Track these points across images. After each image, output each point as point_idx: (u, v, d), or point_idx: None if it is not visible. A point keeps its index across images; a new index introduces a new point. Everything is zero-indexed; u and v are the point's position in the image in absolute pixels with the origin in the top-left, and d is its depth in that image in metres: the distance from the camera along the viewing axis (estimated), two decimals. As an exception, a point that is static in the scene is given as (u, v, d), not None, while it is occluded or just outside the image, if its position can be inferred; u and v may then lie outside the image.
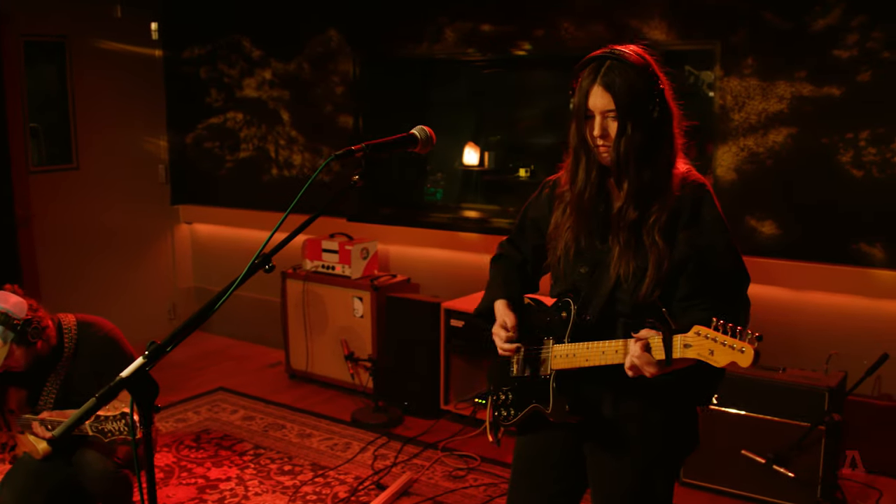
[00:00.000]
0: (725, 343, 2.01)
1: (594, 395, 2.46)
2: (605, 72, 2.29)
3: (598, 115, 2.31)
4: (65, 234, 6.69)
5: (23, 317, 3.41)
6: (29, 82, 6.41)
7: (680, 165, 2.40)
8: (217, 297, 1.90)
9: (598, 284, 2.42)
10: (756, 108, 4.74)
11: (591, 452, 2.54)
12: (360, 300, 5.81)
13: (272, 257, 1.97)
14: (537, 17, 5.44)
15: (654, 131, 2.30)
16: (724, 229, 2.38)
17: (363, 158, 2.02)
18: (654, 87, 2.29)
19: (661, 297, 2.34)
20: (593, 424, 2.48)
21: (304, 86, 6.64)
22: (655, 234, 2.31)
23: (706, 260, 2.34)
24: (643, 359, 2.17)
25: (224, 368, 6.65)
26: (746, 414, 4.32)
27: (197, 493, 4.54)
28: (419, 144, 2.15)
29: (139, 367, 1.79)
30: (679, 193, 2.34)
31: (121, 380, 1.78)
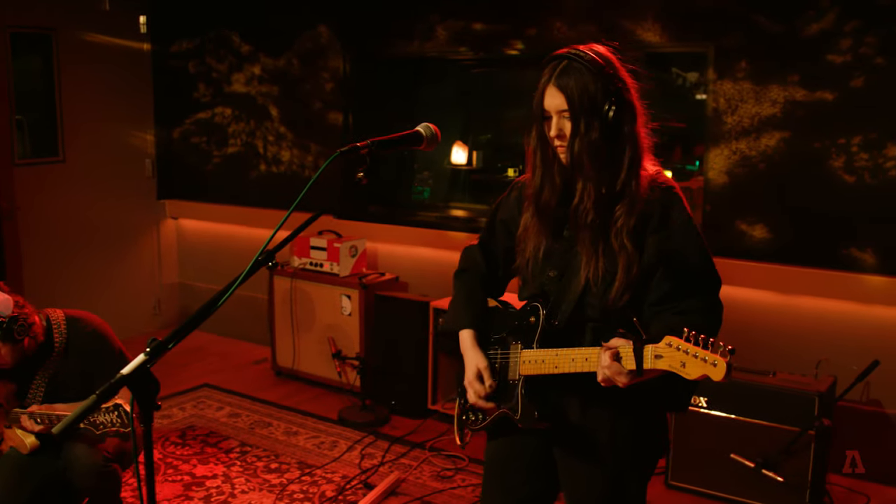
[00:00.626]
0: (697, 355, 1.99)
1: (562, 402, 2.43)
2: (559, 72, 2.28)
3: (555, 116, 2.30)
4: (49, 228, 6.63)
5: (8, 314, 3.37)
6: (15, 74, 6.34)
7: (648, 167, 2.37)
8: (219, 295, 1.88)
9: (567, 288, 2.40)
10: (749, 112, 4.74)
11: (561, 458, 2.52)
12: (348, 298, 5.78)
13: (275, 254, 1.94)
14: (530, 16, 5.43)
15: (612, 131, 2.27)
16: (695, 233, 2.34)
17: (368, 155, 2.00)
18: (609, 86, 2.25)
19: (631, 302, 2.31)
20: (562, 430, 2.46)
21: (293, 82, 6.60)
22: (624, 238, 2.29)
23: (676, 264, 2.31)
24: (613, 368, 2.14)
25: (209, 365, 6.61)
26: (735, 417, 4.32)
27: (183, 491, 4.50)
28: (424, 142, 2.13)
29: (140, 364, 1.77)
30: (648, 196, 2.31)
31: (122, 377, 1.75)
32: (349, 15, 6.23)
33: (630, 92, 2.33)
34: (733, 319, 4.78)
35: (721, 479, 4.37)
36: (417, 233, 6.05)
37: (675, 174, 5.77)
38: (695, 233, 2.34)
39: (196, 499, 4.42)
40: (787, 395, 4.20)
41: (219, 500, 4.41)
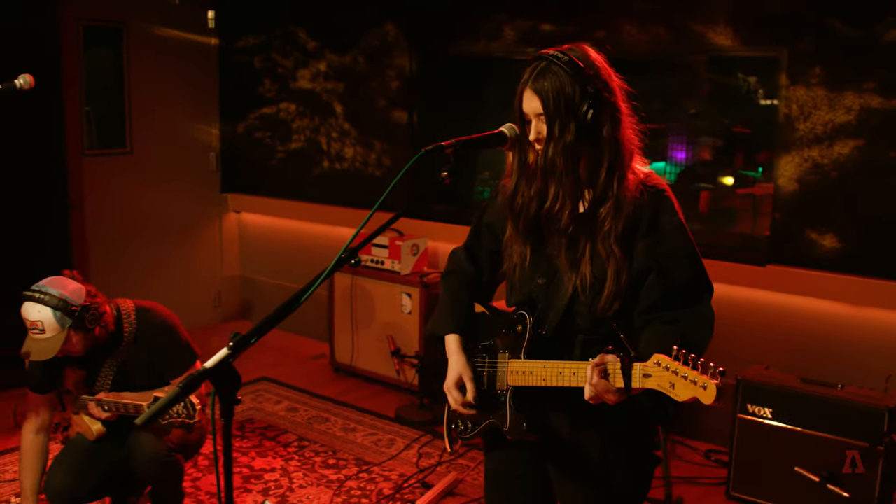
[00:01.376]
0: (687, 377, 1.93)
1: (551, 415, 2.38)
2: (536, 74, 2.21)
3: (533, 119, 2.24)
4: (115, 218, 6.73)
5: (80, 303, 3.41)
6: (86, 66, 6.44)
7: (638, 169, 2.30)
8: (302, 291, 1.88)
9: (555, 296, 2.33)
10: (822, 119, 4.65)
11: (555, 475, 2.47)
12: (408, 296, 5.78)
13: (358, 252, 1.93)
14: (599, 18, 5.38)
15: (589, 133, 2.20)
16: (686, 238, 2.27)
17: (453, 155, 1.99)
18: (588, 87, 2.18)
19: (621, 310, 2.25)
20: (553, 445, 2.41)
21: (358, 79, 6.62)
22: (612, 244, 2.22)
23: (666, 270, 2.24)
24: (601, 386, 2.09)
25: (268, 358, 6.65)
26: (801, 430, 4.24)
27: (242, 483, 4.54)
28: (509, 142, 2.11)
29: (223, 358, 1.77)
30: (637, 199, 2.24)
31: (205, 370, 1.75)
32: (416, 13, 6.23)
33: (614, 93, 2.25)
34: (800, 330, 4.75)
35: (784, 492, 4.29)
36: (479, 233, 6.03)
37: (737, 180, 5.69)
38: (685, 237, 2.27)
39: (255, 491, 4.45)
40: (856, 409, 4.11)
41: (277, 493, 4.43)
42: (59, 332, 3.37)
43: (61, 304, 3.35)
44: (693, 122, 5.87)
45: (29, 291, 3.38)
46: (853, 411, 4.11)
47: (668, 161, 5.93)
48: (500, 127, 2.16)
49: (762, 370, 4.49)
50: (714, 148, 5.90)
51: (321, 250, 6.82)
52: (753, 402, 4.36)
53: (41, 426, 3.70)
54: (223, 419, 1.79)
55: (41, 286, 3.39)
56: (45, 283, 3.41)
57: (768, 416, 4.33)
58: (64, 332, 3.38)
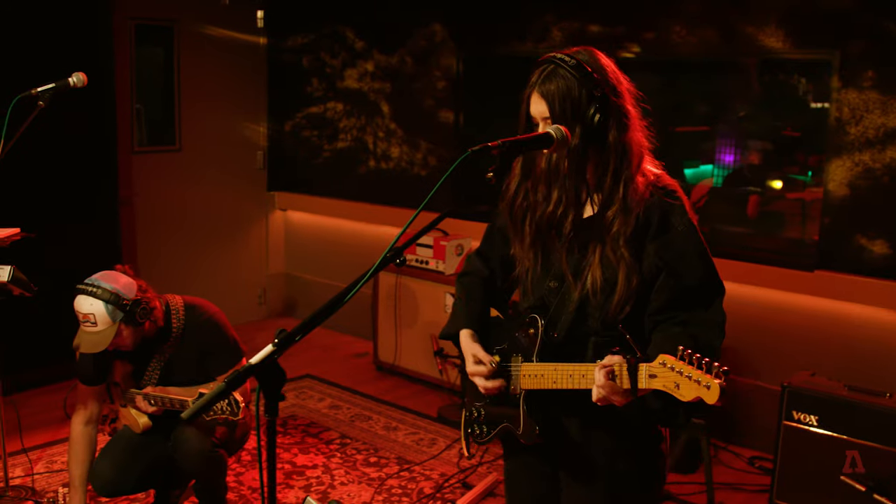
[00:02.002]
0: (692, 376, 1.91)
1: (563, 419, 2.36)
2: (543, 78, 2.22)
3: (541, 123, 2.24)
4: (163, 214, 6.82)
5: (132, 297, 3.46)
6: (137, 65, 6.53)
7: (648, 171, 2.28)
8: (347, 289, 1.89)
9: (566, 299, 2.31)
10: (874, 123, 4.59)
11: (565, 480, 2.45)
12: (452, 296, 5.78)
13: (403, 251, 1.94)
14: (648, 19, 5.35)
15: (596, 138, 2.20)
16: (696, 239, 2.24)
17: (499, 156, 1.99)
18: (594, 90, 2.17)
19: (632, 312, 2.23)
20: (564, 450, 2.40)
21: (405, 79, 6.64)
22: (621, 247, 2.20)
23: (677, 272, 2.22)
24: (608, 388, 2.07)
25: (310, 356, 6.69)
26: (847, 438, 4.18)
27: (284, 479, 4.57)
28: (555, 143, 2.11)
29: (268, 354, 1.79)
30: (647, 201, 2.22)
31: (250, 366, 1.77)
32: (463, 14, 6.24)
33: (622, 97, 2.24)
34: (848, 336, 4.68)
35: (829, 501, 4.23)
36: (523, 234, 6.02)
37: (787, 184, 5.63)
38: (696, 239, 2.24)
39: (296, 487, 4.48)
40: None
41: (318, 490, 4.47)
42: (111, 326, 3.42)
43: (113, 297, 3.41)
44: (741, 125, 5.81)
45: (82, 285, 3.44)
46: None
47: (715, 164, 5.88)
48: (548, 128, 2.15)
49: (808, 377, 4.43)
50: (763, 151, 5.83)
51: (366, 249, 6.85)
52: (799, 408, 4.30)
53: (90, 418, 3.76)
54: (267, 416, 1.81)
55: (94, 280, 3.45)
56: (97, 277, 3.46)
57: (814, 424, 4.27)
58: (115, 326, 3.43)
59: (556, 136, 2.12)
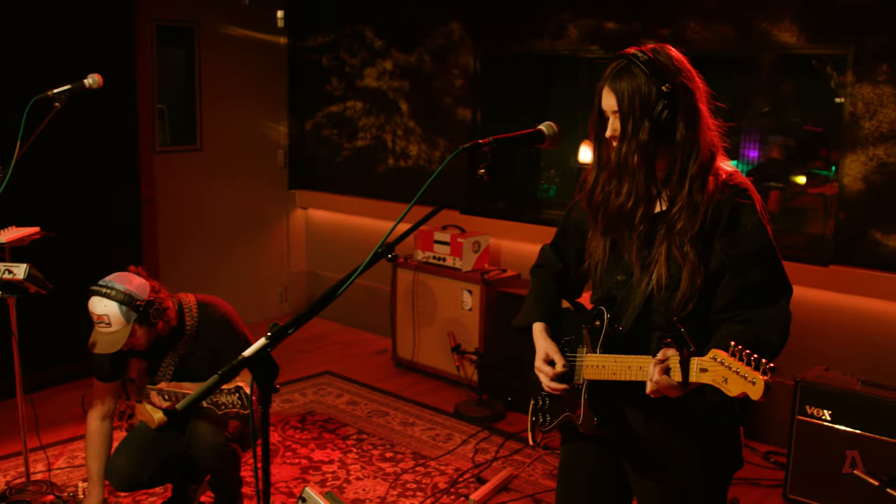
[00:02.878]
0: (739, 371, 1.93)
1: (626, 410, 2.40)
2: (615, 73, 2.26)
3: (611, 116, 2.28)
4: (185, 214, 6.90)
5: (145, 298, 3.52)
6: (160, 65, 6.61)
7: (721, 169, 2.31)
8: (339, 284, 1.92)
9: (633, 293, 2.35)
10: (889, 117, 4.57)
11: (631, 470, 2.48)
12: (469, 293, 5.82)
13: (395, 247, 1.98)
14: (663, 15, 5.36)
15: (665, 133, 2.23)
16: (764, 238, 2.25)
17: (490, 152, 2.02)
18: (663, 86, 2.20)
19: (698, 308, 2.26)
20: (627, 441, 2.42)
21: (423, 77, 6.68)
22: (686, 245, 2.23)
23: (744, 270, 2.23)
24: (663, 381, 2.10)
25: (331, 352, 6.76)
26: (861, 433, 4.17)
27: (300, 473, 4.63)
28: (546, 140, 2.14)
29: (261, 347, 1.83)
30: (717, 199, 2.25)
31: (243, 359, 1.82)
32: (481, 12, 6.27)
33: (693, 95, 2.27)
34: (863, 330, 4.67)
35: (842, 495, 4.22)
36: (542, 230, 6.04)
37: (810, 179, 5.61)
38: (765, 238, 2.25)
39: (312, 482, 4.53)
40: (918, 413, 4.04)
41: (334, 484, 4.51)
42: (125, 326, 3.49)
43: (127, 298, 3.47)
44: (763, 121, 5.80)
45: (96, 286, 3.51)
46: (915, 415, 4.05)
47: (739, 159, 5.88)
48: (539, 125, 2.18)
49: (822, 371, 4.43)
50: (785, 146, 5.82)
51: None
52: (812, 403, 4.30)
53: (106, 413, 3.84)
54: (261, 406, 1.85)
55: (108, 281, 3.51)
56: (111, 279, 3.53)
57: (827, 419, 4.27)
58: (129, 326, 3.50)
59: (548, 133, 2.15)
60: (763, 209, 2.28)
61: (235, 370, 1.80)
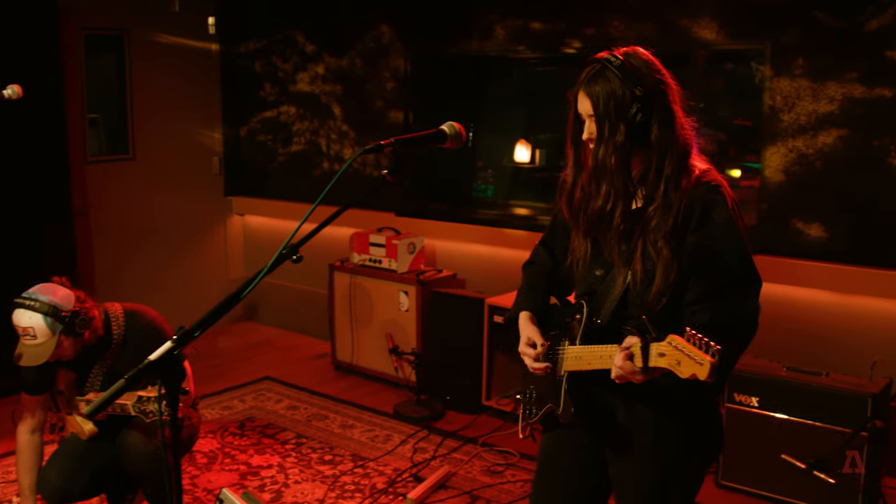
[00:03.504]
0: (690, 354, 2.02)
1: (607, 400, 2.47)
2: (589, 77, 2.34)
3: (587, 120, 2.36)
4: (120, 224, 6.84)
5: (70, 308, 3.50)
6: (89, 74, 6.56)
7: (695, 167, 2.38)
8: (245, 285, 1.95)
9: (610, 288, 2.44)
10: (806, 109, 4.69)
11: (610, 457, 2.55)
12: (405, 294, 5.85)
13: (300, 248, 2.01)
14: (587, 15, 5.44)
15: (640, 135, 2.32)
16: (736, 234, 2.33)
17: (393, 153, 2.05)
18: (636, 89, 2.29)
19: (672, 301, 2.34)
20: (608, 428, 2.49)
21: (355, 81, 6.70)
22: (660, 241, 2.31)
23: (714, 265, 2.32)
24: (626, 367, 2.18)
25: (271, 358, 6.75)
26: (788, 418, 4.28)
27: (238, 479, 4.62)
28: (448, 140, 2.17)
29: (167, 350, 1.85)
30: (690, 196, 2.33)
31: (149, 362, 1.83)
32: (410, 15, 6.30)
33: (667, 96, 2.35)
34: (788, 317, 4.78)
35: (772, 479, 4.33)
36: (477, 230, 6.10)
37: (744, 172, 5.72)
38: (736, 233, 2.33)
39: (250, 487, 4.53)
40: (840, 396, 4.14)
41: (272, 489, 4.52)
42: (51, 338, 3.47)
43: (51, 310, 3.45)
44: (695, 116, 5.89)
45: (20, 299, 3.48)
46: (838, 398, 4.15)
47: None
48: (441, 125, 2.22)
49: (749, 359, 4.52)
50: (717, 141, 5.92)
51: (324, 250, 6.88)
52: (740, 391, 4.40)
53: (36, 426, 3.80)
54: (169, 408, 1.87)
55: (31, 293, 3.49)
56: (35, 290, 3.50)
57: (755, 405, 4.37)
58: (55, 338, 3.48)
59: (449, 133, 2.19)
60: (735, 206, 2.36)
61: (141, 374, 1.81)
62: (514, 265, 5.92)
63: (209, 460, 4.83)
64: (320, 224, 2.14)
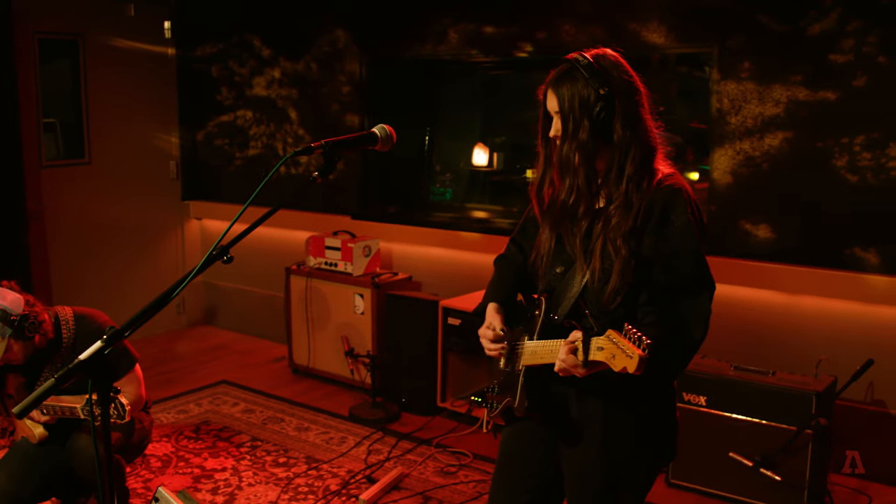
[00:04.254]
0: (623, 348, 2.07)
1: (562, 393, 2.50)
2: (557, 77, 2.40)
3: (555, 117, 2.42)
4: (76, 228, 6.80)
5: (20, 312, 3.50)
6: (45, 79, 6.52)
7: (658, 169, 2.43)
8: (175, 286, 1.98)
9: (569, 285, 2.47)
10: (752, 112, 4.76)
11: (562, 451, 2.58)
12: (360, 297, 5.87)
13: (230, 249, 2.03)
14: (539, 19, 5.49)
15: (603, 132, 2.37)
16: (693, 236, 2.36)
17: (323, 155, 2.08)
18: (602, 89, 2.34)
19: (627, 301, 2.38)
20: (563, 423, 2.52)
21: (311, 85, 6.71)
22: (619, 240, 2.35)
23: (669, 266, 2.35)
24: (569, 360, 2.23)
25: (229, 362, 6.74)
26: (735, 416, 4.34)
27: (192, 483, 4.62)
28: (379, 142, 2.20)
29: (97, 350, 1.86)
30: (651, 196, 2.37)
31: (79, 362, 1.84)
32: (365, 18, 6.33)
33: (632, 97, 2.40)
34: (736, 317, 4.85)
35: (720, 477, 4.40)
36: (432, 233, 6.13)
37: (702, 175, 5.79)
38: (692, 236, 2.36)
39: (204, 490, 4.53)
40: (786, 395, 4.21)
41: (226, 492, 4.52)
42: (0, 342, 3.46)
43: (1, 314, 3.44)
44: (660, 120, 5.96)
45: None
46: (783, 396, 4.22)
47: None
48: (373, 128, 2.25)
49: (698, 359, 4.59)
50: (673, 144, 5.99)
51: (281, 254, 6.89)
52: (689, 390, 4.46)
53: (-15, 431, 3.79)
54: (99, 407, 1.88)
55: (-20, 298, 3.48)
56: (-17, 294, 3.50)
57: (703, 404, 4.43)
58: (4, 342, 3.47)
59: (380, 135, 2.22)
60: (695, 209, 2.39)
61: (71, 373, 1.82)
62: (468, 268, 6.03)
63: (163, 464, 4.82)
64: (251, 225, 2.15)
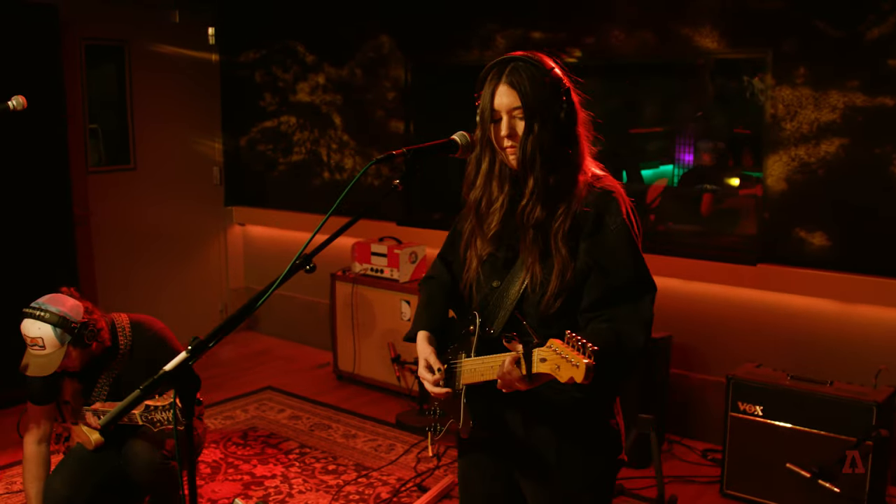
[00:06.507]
0: (568, 357, 1.97)
1: (505, 414, 2.41)
2: (509, 72, 2.25)
3: (506, 115, 2.27)
4: (121, 234, 6.84)
5: (79, 319, 3.50)
6: (91, 85, 6.57)
7: (590, 171, 2.34)
8: (259, 295, 1.95)
9: (505, 296, 2.37)
10: (808, 118, 4.70)
11: (520, 477, 2.49)
12: (407, 304, 5.85)
13: (313, 258, 2.01)
14: (588, 24, 5.45)
15: (562, 132, 2.26)
16: (628, 239, 2.28)
17: (404, 163, 2.06)
18: (559, 87, 2.24)
19: (566, 309, 2.28)
20: (510, 447, 2.44)
21: (356, 91, 6.71)
22: (559, 242, 2.26)
23: (606, 270, 2.26)
24: (514, 374, 2.12)
25: (272, 368, 6.75)
26: (792, 427, 4.28)
27: (242, 489, 4.61)
28: (460, 150, 2.18)
29: (182, 360, 1.85)
30: (585, 200, 2.28)
31: (164, 373, 1.83)
32: (410, 25, 6.32)
33: (574, 95, 2.31)
34: (791, 326, 4.79)
35: (777, 488, 4.33)
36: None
37: (743, 181, 5.73)
38: (628, 238, 2.28)
39: (254, 497, 4.52)
40: (845, 405, 4.15)
41: (277, 499, 4.51)
42: (59, 349, 3.47)
43: (61, 320, 3.45)
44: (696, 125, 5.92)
45: (29, 309, 3.48)
46: (842, 407, 4.15)
47: (675, 164, 5.98)
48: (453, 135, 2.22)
49: (752, 368, 4.53)
50: (716, 150, 5.94)
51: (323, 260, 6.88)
52: (744, 399, 4.40)
53: (42, 436, 3.80)
54: (184, 419, 1.87)
55: (40, 304, 3.49)
56: (44, 301, 3.51)
57: (759, 414, 4.37)
58: (63, 349, 3.48)
59: (461, 143, 2.19)
60: (630, 211, 2.31)
61: (156, 384, 1.81)
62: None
63: (213, 470, 4.82)
64: (333, 234, 2.15)
